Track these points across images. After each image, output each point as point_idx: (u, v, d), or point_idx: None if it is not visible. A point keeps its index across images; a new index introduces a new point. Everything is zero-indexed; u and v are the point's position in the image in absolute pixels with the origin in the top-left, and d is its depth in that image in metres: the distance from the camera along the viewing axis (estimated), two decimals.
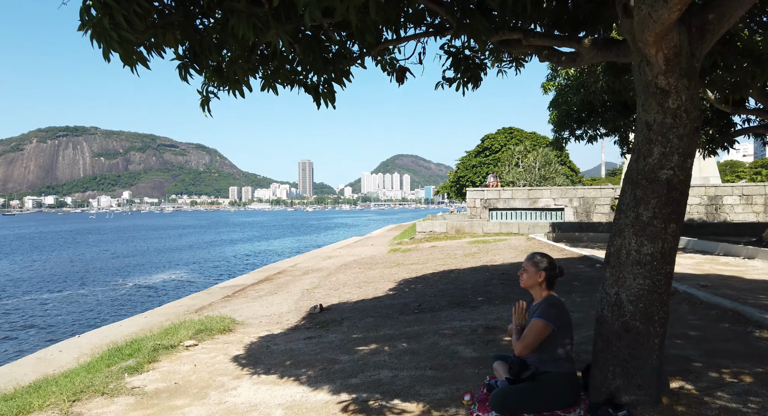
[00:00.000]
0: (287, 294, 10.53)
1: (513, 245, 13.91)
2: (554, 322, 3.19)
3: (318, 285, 11.27)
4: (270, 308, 8.87)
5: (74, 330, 13.87)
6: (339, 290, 9.84)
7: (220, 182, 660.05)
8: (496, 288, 7.94)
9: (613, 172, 72.58)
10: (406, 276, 10.54)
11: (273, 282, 13.21)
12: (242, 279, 14.41)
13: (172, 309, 9.98)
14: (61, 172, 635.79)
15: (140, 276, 28.46)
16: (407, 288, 8.94)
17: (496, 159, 61.49)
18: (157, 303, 18.32)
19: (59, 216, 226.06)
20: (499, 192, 24.80)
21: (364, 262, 15.40)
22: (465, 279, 9.12)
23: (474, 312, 6.44)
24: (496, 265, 10.36)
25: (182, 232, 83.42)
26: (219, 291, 12.29)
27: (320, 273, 13.86)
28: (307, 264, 17.04)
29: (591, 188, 23.75)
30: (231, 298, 11.07)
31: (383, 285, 9.63)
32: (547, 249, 12.38)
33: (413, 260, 13.68)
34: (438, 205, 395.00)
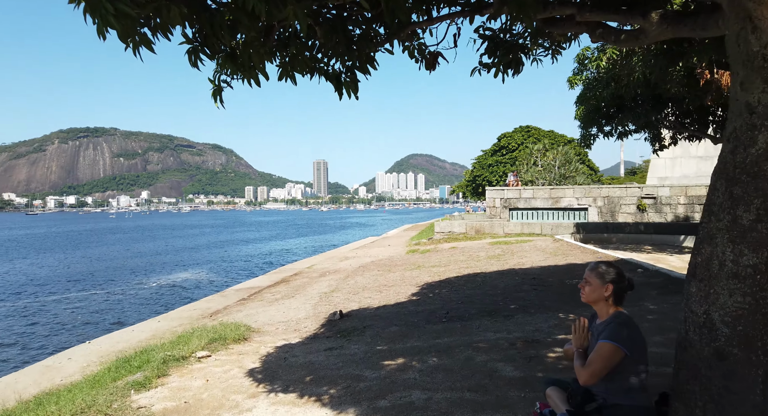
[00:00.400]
0: (305, 297, 10.12)
1: (539, 247, 13.31)
2: (627, 346, 2.67)
3: (336, 288, 10.84)
4: (287, 313, 8.46)
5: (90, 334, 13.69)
6: (358, 294, 9.38)
7: (236, 182, 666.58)
8: (529, 295, 7.40)
9: (632, 170, 70.86)
10: (429, 279, 10.04)
11: (289, 285, 12.83)
12: (258, 280, 14.07)
13: (186, 314, 9.64)
14: (82, 173, 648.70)
15: (160, 275, 28.44)
16: (431, 294, 8.44)
17: (513, 158, 60.52)
18: (175, 304, 18.16)
19: (80, 216, 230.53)
20: (520, 191, 24.12)
21: (383, 264, 14.93)
22: (493, 283, 8.59)
23: (508, 322, 5.92)
24: (524, 269, 9.80)
25: (200, 232, 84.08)
26: (234, 293, 11.94)
27: (338, 275, 13.44)
28: (323, 266, 16.65)
29: (616, 187, 22.94)
30: (246, 302, 10.70)
31: (405, 290, 9.15)
32: (577, 251, 11.76)
33: (434, 262, 13.17)
34: (452, 204, 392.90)
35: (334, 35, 3.90)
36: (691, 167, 25.11)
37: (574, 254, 11.16)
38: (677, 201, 21.72)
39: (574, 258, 10.50)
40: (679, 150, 25.51)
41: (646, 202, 22.15)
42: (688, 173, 25.09)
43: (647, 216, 22.01)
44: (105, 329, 13.00)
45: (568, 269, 9.24)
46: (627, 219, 22.07)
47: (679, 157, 25.44)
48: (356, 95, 4.41)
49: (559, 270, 9.19)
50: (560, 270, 9.19)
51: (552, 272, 9.04)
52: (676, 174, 25.29)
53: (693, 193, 21.51)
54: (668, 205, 21.85)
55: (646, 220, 21.75)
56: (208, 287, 24.15)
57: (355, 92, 4.43)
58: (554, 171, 40.51)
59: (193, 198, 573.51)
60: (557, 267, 9.58)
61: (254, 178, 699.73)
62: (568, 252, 11.50)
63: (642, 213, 22.18)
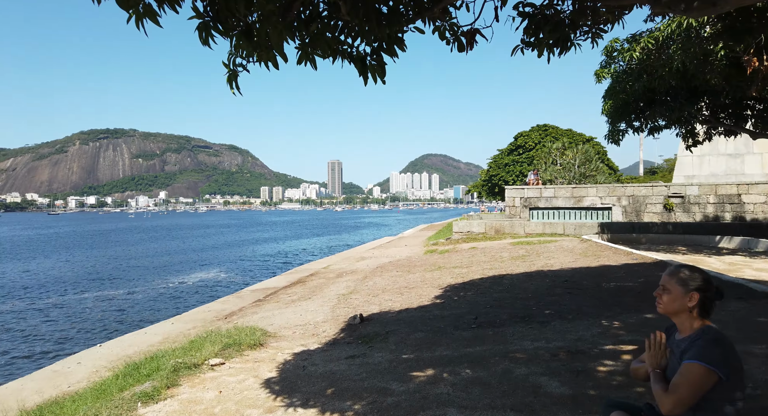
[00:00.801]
0: (322, 299, 9.75)
1: (566, 247, 12.73)
2: (721, 368, 2.19)
3: (354, 289, 10.45)
4: (304, 316, 8.09)
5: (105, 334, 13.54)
6: (378, 296, 8.97)
7: (252, 182, 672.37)
8: (564, 299, 6.89)
9: (651, 170, 69.02)
10: (452, 281, 9.58)
11: (306, 286, 12.49)
12: (274, 281, 13.75)
13: (200, 315, 9.34)
14: (102, 173, 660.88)
15: (177, 275, 28.44)
16: (456, 296, 7.98)
17: (529, 157, 59.54)
18: (191, 305, 17.98)
19: (100, 216, 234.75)
20: (541, 190, 23.47)
21: (401, 264, 14.51)
22: (522, 286, 8.10)
23: (545, 329, 5.45)
24: (554, 271, 9.28)
25: (217, 231, 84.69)
26: (250, 294, 11.63)
27: (355, 276, 13.06)
28: (340, 266, 16.29)
29: (641, 185, 22.16)
30: (262, 303, 10.37)
31: (427, 292, 8.71)
32: (608, 252, 11.15)
33: (455, 263, 12.70)
34: (467, 204, 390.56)
35: (360, 11, 3.49)
36: (720, 165, 24.17)
37: (605, 255, 10.57)
38: (706, 200, 20.88)
39: (606, 259, 9.93)
40: (708, 147, 24.57)
41: (673, 201, 21.34)
42: (716, 171, 24.15)
43: (674, 216, 21.20)
44: (120, 330, 12.81)
45: (603, 271, 8.69)
46: (653, 219, 21.29)
47: (707, 155, 24.52)
48: (383, 80, 4.00)
49: (593, 273, 8.65)
50: (593, 273, 8.65)
51: (585, 274, 8.51)
52: (704, 172, 24.37)
53: (723, 191, 20.64)
54: (697, 205, 21.02)
55: (673, 220, 20.94)
56: (225, 287, 24.02)
57: (382, 76, 4.01)
58: (574, 170, 39.67)
59: (210, 198, 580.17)
60: (589, 269, 9.04)
61: (269, 179, 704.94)
62: (599, 253, 10.92)
63: (669, 213, 21.37)
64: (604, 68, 14.18)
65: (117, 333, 13.50)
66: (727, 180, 23.28)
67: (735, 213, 20.28)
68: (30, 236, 73.09)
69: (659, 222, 19.14)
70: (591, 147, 44.90)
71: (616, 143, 13.90)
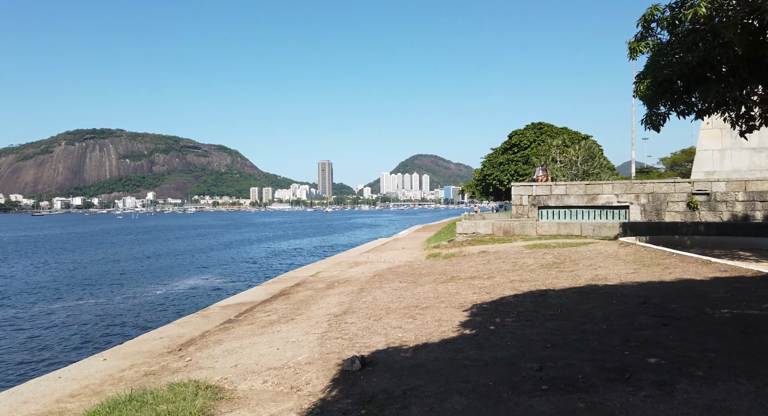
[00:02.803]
0: (308, 321, 7.55)
1: (606, 252, 10.60)
2: None
3: (349, 308, 8.26)
4: (283, 350, 5.89)
5: (55, 358, 11.25)
6: (382, 320, 6.78)
7: (242, 183, 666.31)
8: (663, 336, 4.74)
9: (642, 170, 67.26)
10: (475, 298, 7.43)
11: (289, 300, 10.26)
12: (252, 293, 11.49)
13: (146, 346, 7.08)
14: (89, 174, 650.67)
15: (154, 283, 26.00)
16: (491, 324, 5.82)
17: (525, 156, 57.82)
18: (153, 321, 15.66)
19: (86, 217, 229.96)
20: (551, 187, 21.44)
21: (403, 272, 12.33)
22: (581, 310, 5.96)
23: (672, 399, 3.30)
24: (612, 286, 7.17)
25: (204, 232, 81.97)
26: (219, 312, 9.38)
27: (349, 287, 10.86)
28: (331, 273, 14.07)
29: (662, 182, 20.22)
30: (232, 325, 8.14)
31: (448, 315, 6.55)
32: (673, 259, 8.95)
33: (469, 271, 10.55)
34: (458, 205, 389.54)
35: None
36: (743, 160, 22.33)
37: (671, 264, 8.43)
38: (735, 197, 18.98)
39: (679, 270, 7.81)
40: (729, 140, 22.74)
41: (698, 198, 19.42)
42: (739, 167, 22.30)
43: (699, 215, 19.28)
44: (60, 363, 10.53)
45: (690, 289, 6.52)
46: (675, 219, 19.36)
47: (728, 149, 22.67)
48: None
49: (676, 291, 6.49)
50: (677, 291, 6.49)
51: (665, 293, 6.38)
52: (726, 168, 22.51)
53: (754, 188, 18.76)
54: (724, 203, 19.11)
55: (698, 220, 19.03)
56: (202, 296, 21.68)
57: None
58: (577, 167, 37.87)
59: (199, 199, 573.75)
60: (665, 284, 6.90)
61: (259, 179, 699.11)
62: (661, 262, 8.81)
63: (693, 212, 19.45)
64: (640, 40, 12.16)
65: (55, 366, 11.18)
66: (750, 176, 21.45)
67: (767, 212, 18.40)
68: (8, 238, 69.92)
69: (689, 222, 17.16)
70: (593, 144, 43.23)
71: (656, 128, 11.85)
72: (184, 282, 26.22)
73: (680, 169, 65.76)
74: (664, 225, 16.98)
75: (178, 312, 17.89)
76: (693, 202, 19.34)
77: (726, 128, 22.83)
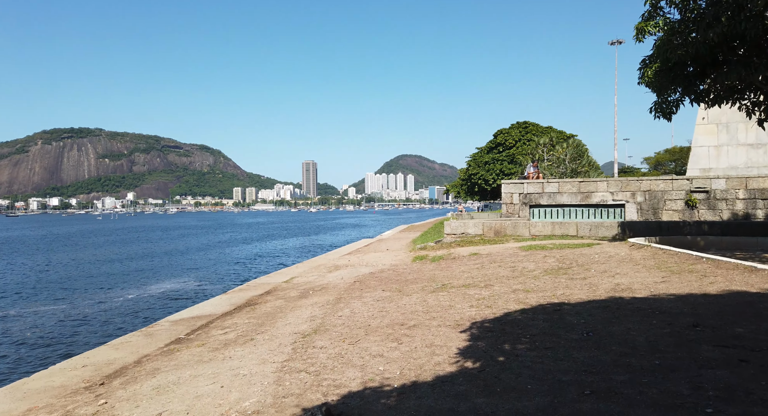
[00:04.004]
0: (269, 343, 6.15)
1: (617, 256, 9.35)
2: None
3: (322, 323, 6.88)
4: (227, 389, 4.49)
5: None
6: (359, 344, 5.43)
7: (224, 183, 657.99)
8: (750, 380, 3.46)
9: (624, 170, 67.01)
10: (473, 313, 6.12)
11: (255, 312, 8.84)
12: (213, 304, 10.02)
13: (59, 379, 5.60)
14: (66, 174, 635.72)
15: (122, 287, 24.21)
16: (499, 354, 4.50)
17: (510, 155, 57.06)
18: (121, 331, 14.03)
19: (64, 218, 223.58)
20: (543, 185, 20.32)
21: (387, 278, 10.99)
22: (612, 333, 4.67)
23: None
24: (642, 299, 5.91)
25: (185, 233, 79.52)
26: (167, 329, 7.90)
27: (325, 296, 9.48)
28: (306, 279, 12.67)
29: (659, 180, 19.25)
30: (178, 347, 6.69)
31: (441, 338, 5.22)
32: (705, 265, 7.65)
33: (462, 277, 9.25)
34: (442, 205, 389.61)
35: None
36: (739, 157, 21.53)
37: (707, 271, 7.09)
38: (735, 195, 18.07)
39: (723, 279, 6.51)
40: (725, 136, 21.94)
41: (696, 196, 18.48)
42: (736, 164, 21.50)
43: (697, 213, 18.35)
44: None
45: (749, 305, 5.12)
46: (673, 218, 18.40)
47: (725, 145, 21.85)
48: None
49: (732, 309, 5.13)
50: (733, 308, 5.14)
51: (719, 311, 5.05)
52: (722, 164, 21.69)
53: (755, 185, 17.88)
54: (724, 200, 18.19)
55: (696, 218, 18.10)
56: (173, 302, 20.03)
57: None
58: (565, 165, 37.06)
59: (181, 199, 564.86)
60: (712, 299, 5.58)
61: (242, 179, 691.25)
62: (691, 267, 7.54)
63: (691, 211, 18.51)
64: (648, 21, 11.01)
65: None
66: (747, 173, 20.64)
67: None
68: None
69: (691, 221, 16.15)
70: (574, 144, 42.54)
71: (667, 117, 10.72)
72: (159, 286, 24.52)
73: (663, 169, 65.73)
74: (665, 225, 15.95)
75: (146, 319, 16.30)
76: (692, 200, 18.39)
77: (722, 123, 22.06)
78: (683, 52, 9.60)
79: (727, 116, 21.85)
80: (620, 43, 48.27)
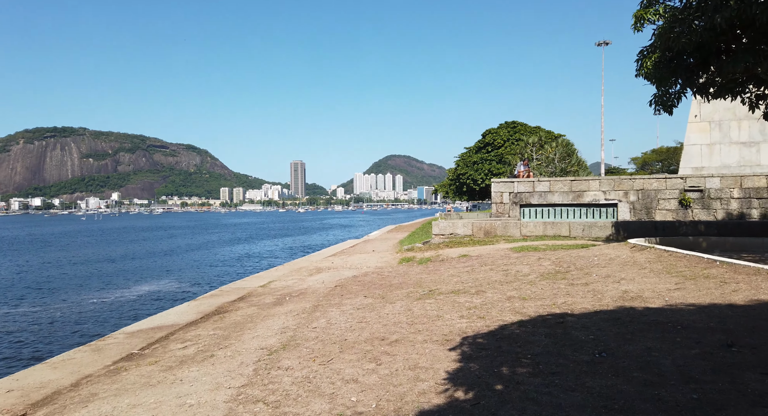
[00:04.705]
0: (229, 362, 5.33)
1: (619, 258, 8.64)
2: None
3: (293, 337, 6.08)
4: None
5: None
6: (332, 364, 4.64)
7: (211, 183, 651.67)
8: None
9: (611, 170, 67.04)
10: (465, 326, 5.37)
11: (223, 322, 8.00)
12: (178, 312, 9.14)
13: None
14: (49, 174, 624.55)
15: (96, 289, 23.10)
16: (495, 377, 3.74)
17: (499, 155, 56.69)
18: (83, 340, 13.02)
19: (46, 218, 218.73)
20: (533, 184, 19.70)
21: (371, 282, 10.21)
22: (629, 353, 3.95)
23: None
24: (657, 309, 5.19)
25: (171, 234, 77.90)
26: (120, 343, 7.02)
27: (302, 304, 8.68)
28: (285, 283, 11.84)
29: (653, 178, 18.73)
30: (127, 366, 5.83)
31: (427, 358, 4.46)
32: (722, 270, 6.77)
33: (451, 282, 8.50)
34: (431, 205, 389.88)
35: None
36: (732, 155, 21.13)
37: (725, 276, 6.29)
38: (730, 194, 17.61)
39: (747, 286, 5.71)
40: (718, 135, 21.54)
41: (690, 196, 17.99)
42: (729, 162, 21.10)
43: (691, 213, 17.86)
44: None
45: None
46: (666, 217, 17.89)
47: (717, 144, 21.45)
48: None
49: (764, 321, 4.41)
50: (765, 321, 4.45)
51: (755, 327, 4.28)
52: (715, 163, 21.28)
53: (750, 184, 17.43)
54: (718, 200, 17.72)
55: (690, 218, 17.61)
56: (147, 305, 19.04)
57: None
58: (554, 165, 36.66)
59: (167, 199, 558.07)
60: (741, 310, 4.81)
61: (230, 179, 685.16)
62: (705, 272, 6.80)
63: (685, 210, 18.01)
64: (647, 7, 10.38)
65: None
66: (740, 171, 20.25)
67: (765, 210, 17.08)
68: None
69: (687, 221, 15.63)
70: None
71: (668, 110, 10.10)
72: (137, 289, 23.47)
73: (650, 169, 65.93)
74: (660, 225, 15.40)
75: (114, 326, 15.30)
76: (686, 200, 17.90)
77: (715, 121, 21.68)
78: (687, 40, 8.96)
79: (720, 114, 21.47)
80: (607, 44, 48.14)
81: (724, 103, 21.14)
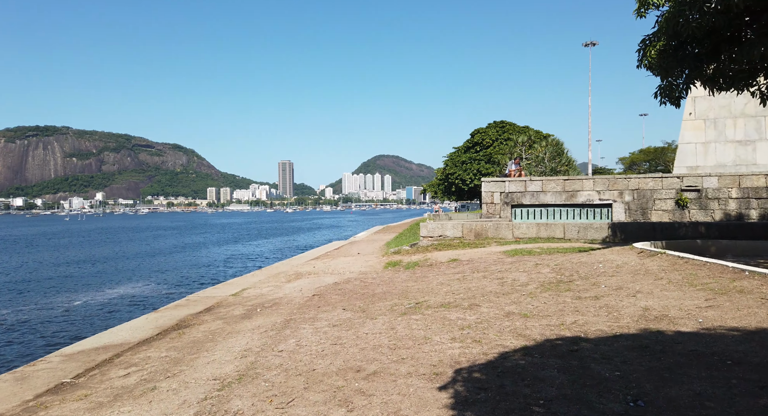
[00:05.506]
0: (169, 400, 4.36)
1: (627, 265, 7.76)
2: None
3: (252, 364, 5.12)
4: None
5: None
6: (289, 409, 3.69)
7: (198, 183, 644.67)
8: None
9: (598, 170, 66.91)
10: (457, 353, 4.45)
11: (181, 340, 6.99)
12: (133, 326, 8.09)
13: None
14: (31, 173, 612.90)
15: (67, 294, 21.80)
16: None
17: (487, 154, 56.09)
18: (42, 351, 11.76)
19: (28, 219, 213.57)
20: (525, 183, 18.92)
21: (352, 291, 9.26)
22: (675, 404, 3.06)
23: None
24: (692, 334, 4.32)
25: (156, 234, 76.07)
26: (54, 368, 5.99)
27: (272, 317, 7.71)
28: (260, 291, 10.84)
29: (648, 178, 18.04)
30: (49, 401, 4.82)
31: (412, 400, 3.54)
32: (759, 282, 6.03)
33: (440, 292, 7.59)
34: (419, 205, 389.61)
35: None
36: (728, 154, 20.57)
37: (765, 292, 5.49)
38: (728, 194, 16.98)
39: None
40: (713, 133, 20.96)
41: (687, 196, 17.34)
42: (724, 161, 20.53)
43: (688, 213, 17.21)
44: None
45: None
46: (662, 218, 17.21)
47: (712, 142, 20.87)
48: None
49: None
50: None
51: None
52: (710, 162, 20.70)
53: (749, 183, 16.81)
54: (716, 200, 17.09)
55: (687, 219, 16.96)
56: (113, 315, 17.83)
57: None
58: (544, 164, 36.03)
59: (152, 199, 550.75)
60: None
61: (217, 179, 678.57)
62: (734, 284, 5.86)
63: (682, 211, 17.36)
64: None
65: None
66: (736, 170, 19.69)
67: (764, 211, 16.48)
68: None
69: (686, 222, 14.94)
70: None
71: (675, 102, 9.32)
72: (113, 291, 22.27)
73: (638, 169, 65.83)
74: (658, 226, 14.68)
75: (75, 338, 14.14)
76: (683, 200, 17.23)
77: (710, 119, 21.12)
78: (697, 24, 8.17)
79: (715, 112, 20.91)
80: (594, 44, 47.76)
81: (720, 100, 20.58)
